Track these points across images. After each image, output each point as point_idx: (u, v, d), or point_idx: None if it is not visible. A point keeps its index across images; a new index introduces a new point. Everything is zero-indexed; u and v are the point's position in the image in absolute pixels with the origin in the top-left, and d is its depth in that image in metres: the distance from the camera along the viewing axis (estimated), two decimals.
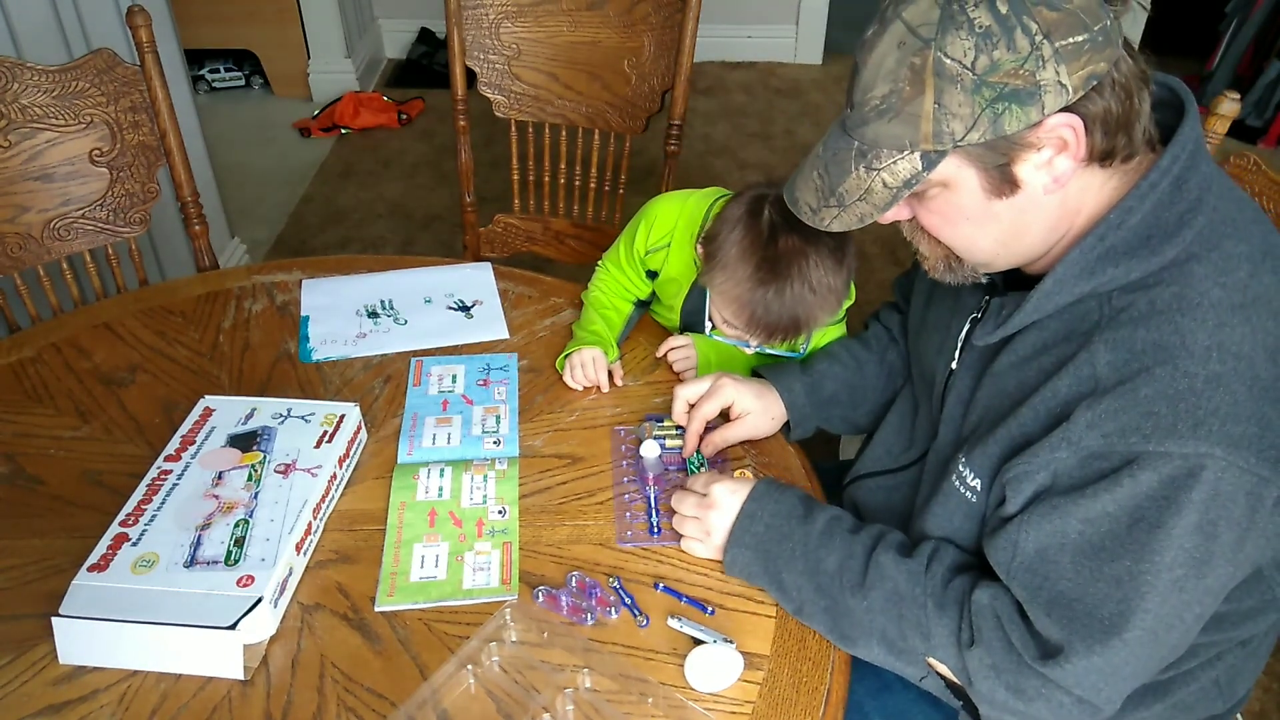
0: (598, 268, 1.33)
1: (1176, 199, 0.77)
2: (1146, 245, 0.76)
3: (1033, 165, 0.76)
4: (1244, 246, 0.76)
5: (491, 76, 1.64)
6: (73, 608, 0.86)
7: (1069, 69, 0.71)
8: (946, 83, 0.72)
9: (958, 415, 0.91)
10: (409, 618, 0.92)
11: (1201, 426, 0.71)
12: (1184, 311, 0.74)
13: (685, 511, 0.96)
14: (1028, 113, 0.72)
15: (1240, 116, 1.12)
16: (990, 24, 0.70)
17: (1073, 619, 0.76)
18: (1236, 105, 1.12)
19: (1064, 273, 0.79)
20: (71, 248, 1.45)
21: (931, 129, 0.74)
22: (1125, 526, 0.74)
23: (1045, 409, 0.78)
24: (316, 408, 1.08)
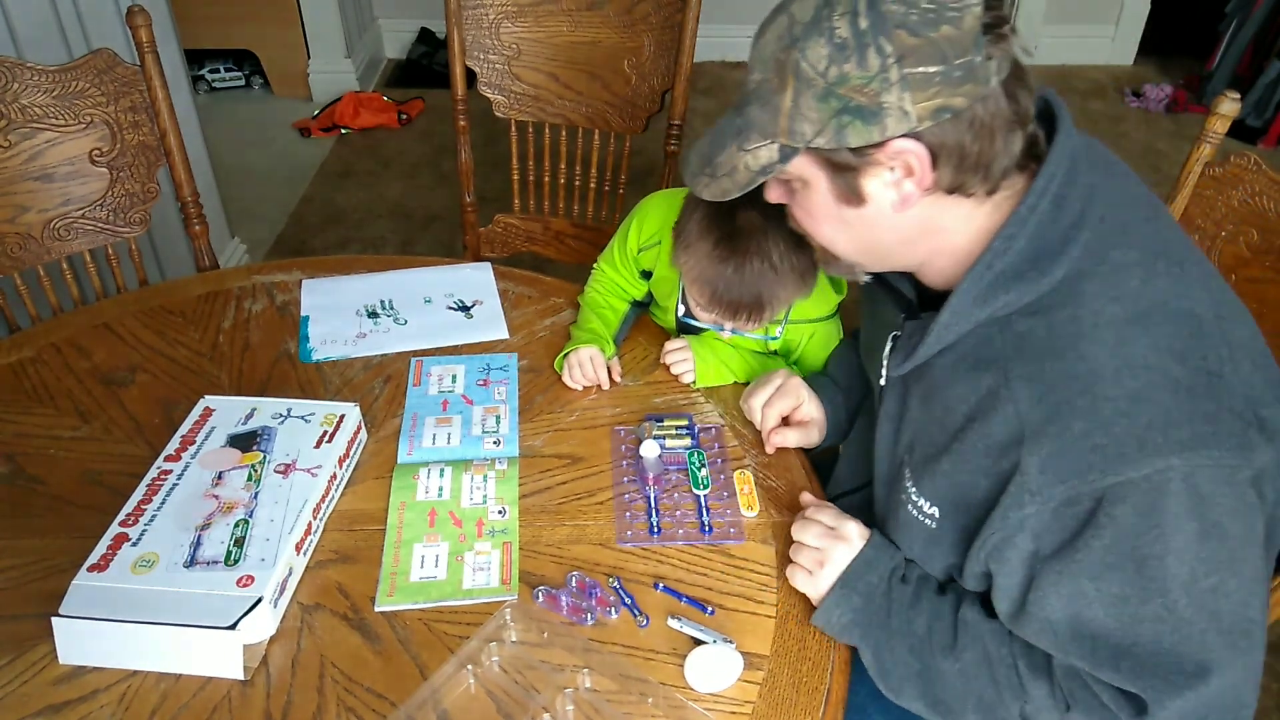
0: (594, 270, 1.33)
1: (1059, 216, 0.76)
2: (1035, 267, 0.76)
3: (880, 182, 0.76)
4: (1134, 253, 0.76)
5: (491, 76, 1.64)
6: (73, 608, 0.86)
7: (914, 97, 0.71)
8: (802, 84, 0.73)
9: (889, 434, 0.91)
10: (409, 618, 0.92)
11: (1147, 444, 0.70)
12: (1082, 335, 0.73)
13: (809, 540, 0.91)
14: (870, 131, 0.73)
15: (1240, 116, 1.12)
16: (847, 37, 0.71)
17: (1140, 669, 0.74)
18: (1237, 105, 1.12)
19: (958, 303, 0.78)
20: (71, 248, 1.45)
21: (787, 125, 0.75)
22: (1133, 568, 0.72)
23: (984, 450, 0.77)
24: (316, 408, 1.08)
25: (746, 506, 1.03)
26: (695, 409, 1.16)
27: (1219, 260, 1.14)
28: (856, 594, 0.87)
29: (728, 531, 1.00)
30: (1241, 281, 1.11)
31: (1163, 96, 3.48)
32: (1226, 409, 0.72)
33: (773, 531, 1.00)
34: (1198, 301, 0.75)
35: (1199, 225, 1.16)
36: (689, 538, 1.00)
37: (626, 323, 1.29)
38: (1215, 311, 0.75)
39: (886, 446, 0.92)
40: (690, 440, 1.11)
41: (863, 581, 0.87)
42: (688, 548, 0.99)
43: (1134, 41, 3.75)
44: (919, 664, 0.84)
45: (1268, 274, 1.08)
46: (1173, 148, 3.25)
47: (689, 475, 1.06)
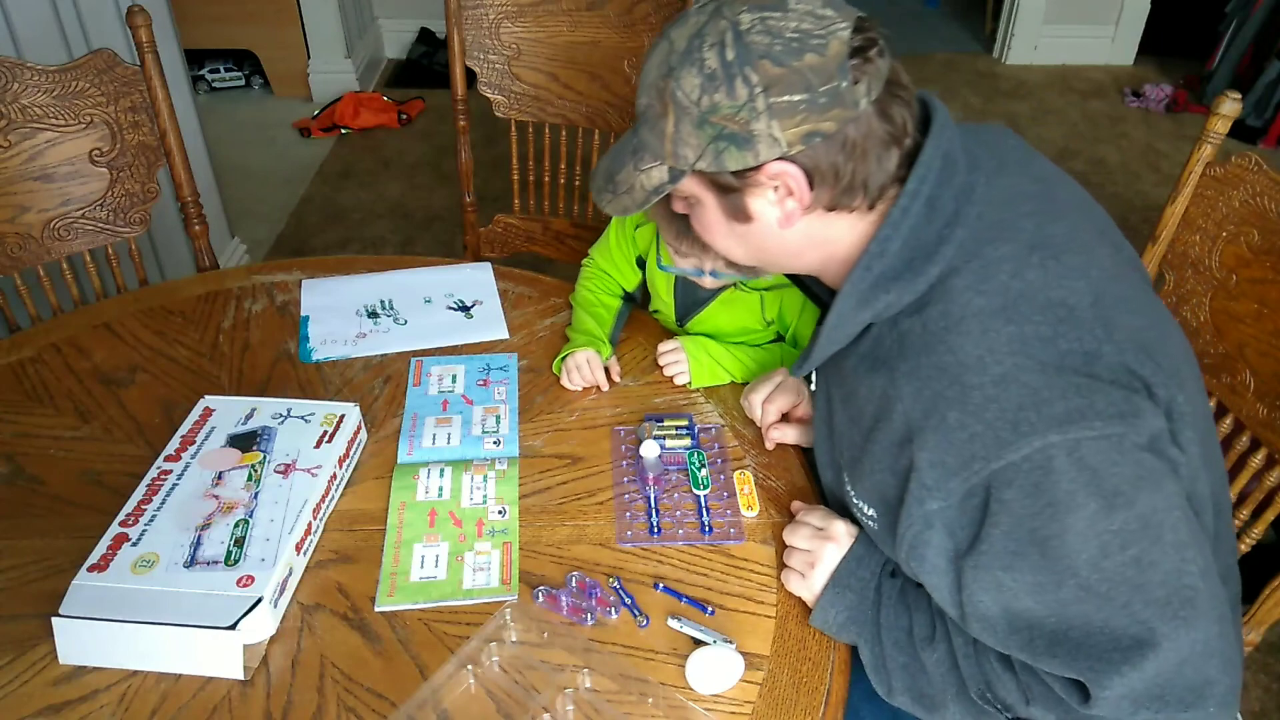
0: (583, 266, 1.33)
1: (932, 217, 0.78)
2: (910, 268, 0.77)
3: (764, 201, 0.80)
4: (1007, 247, 0.77)
5: (491, 76, 1.64)
6: (73, 608, 0.86)
7: (782, 124, 0.74)
8: (680, 112, 0.76)
9: (824, 436, 0.94)
10: (409, 618, 0.92)
11: (1021, 425, 0.70)
12: (950, 329, 0.74)
13: (798, 544, 0.93)
14: (744, 156, 0.76)
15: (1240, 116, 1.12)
16: (716, 68, 0.73)
17: (1077, 652, 0.73)
18: (1238, 105, 1.12)
19: (841, 306, 0.81)
20: (71, 248, 1.45)
21: (670, 148, 0.79)
22: (1037, 552, 0.72)
23: (887, 448, 0.79)
24: (316, 408, 1.08)
25: (746, 507, 1.03)
26: (695, 409, 1.16)
27: (1220, 260, 1.13)
28: (850, 591, 0.88)
29: (728, 531, 1.00)
30: (1243, 282, 1.11)
31: (1163, 96, 3.49)
32: (1103, 381, 0.72)
33: (772, 532, 1.00)
34: (1072, 291, 0.75)
35: (1200, 225, 1.16)
36: (689, 538, 1.00)
37: (620, 320, 1.29)
38: (1094, 300, 0.75)
39: (825, 451, 0.95)
40: (690, 440, 1.11)
41: (855, 578, 0.88)
42: (688, 548, 0.99)
43: (1134, 41, 3.75)
44: (904, 658, 0.85)
45: (1269, 274, 1.08)
46: (1173, 148, 3.25)
47: (689, 475, 1.06)
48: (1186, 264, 1.18)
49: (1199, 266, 1.16)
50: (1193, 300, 1.17)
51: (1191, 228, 1.17)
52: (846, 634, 0.89)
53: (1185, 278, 1.18)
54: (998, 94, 3.61)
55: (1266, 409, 1.09)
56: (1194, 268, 1.17)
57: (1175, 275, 1.19)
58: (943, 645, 0.84)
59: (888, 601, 0.87)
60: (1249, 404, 1.11)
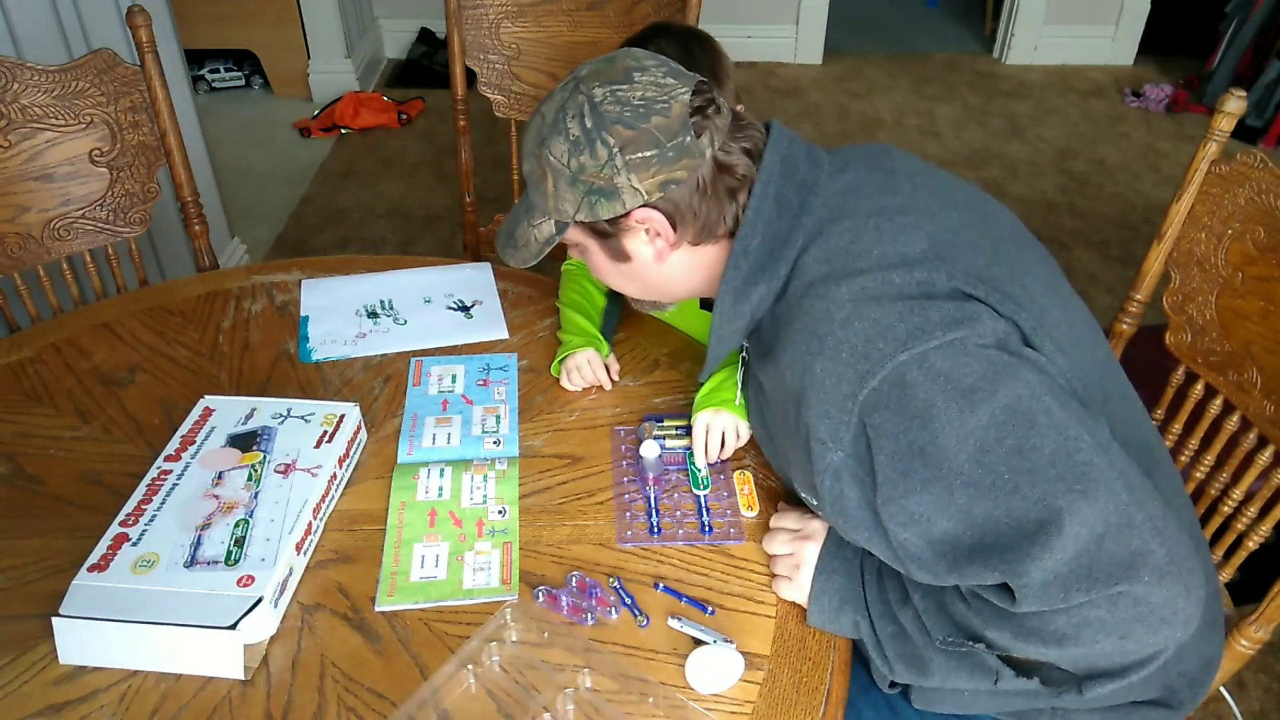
0: (564, 273, 1.34)
1: (782, 211, 0.88)
2: (772, 257, 0.87)
3: (638, 241, 0.91)
4: (846, 221, 0.85)
5: (491, 76, 1.64)
6: (73, 608, 0.86)
7: (639, 176, 0.85)
8: (555, 173, 0.88)
9: (768, 443, 1.02)
10: (409, 618, 0.92)
11: (872, 353, 0.77)
12: (803, 296, 0.84)
13: (778, 550, 0.95)
14: (613, 205, 0.87)
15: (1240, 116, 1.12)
16: (578, 135, 0.85)
17: (994, 553, 0.74)
18: (1243, 103, 1.12)
19: (721, 305, 0.90)
20: (71, 248, 1.45)
21: (553, 205, 0.90)
22: (921, 464, 0.76)
23: (793, 425, 0.86)
24: (316, 408, 1.08)
25: (746, 506, 1.03)
26: None
27: (1226, 258, 1.13)
28: (837, 574, 0.90)
29: (728, 531, 1.00)
30: (1249, 279, 1.11)
31: (1163, 96, 3.49)
32: (938, 301, 0.78)
33: None
34: (906, 243, 0.83)
35: (1205, 223, 1.16)
36: (689, 538, 1.00)
37: (611, 318, 1.29)
38: (929, 246, 0.82)
39: (773, 457, 1.02)
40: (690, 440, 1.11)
41: (838, 559, 0.91)
42: (688, 548, 0.99)
43: (1134, 41, 3.75)
44: (892, 627, 0.87)
45: (1274, 271, 1.08)
46: (1173, 148, 3.25)
47: (689, 475, 1.06)
48: (1192, 262, 1.18)
49: (1205, 264, 1.16)
50: (1199, 298, 1.17)
51: (1197, 226, 1.17)
52: (844, 619, 0.89)
53: (1191, 276, 1.18)
54: (998, 94, 3.61)
55: (1274, 406, 1.09)
56: (1199, 266, 1.17)
57: (1181, 273, 1.19)
58: (915, 601, 0.85)
59: (870, 579, 0.89)
60: (1256, 401, 1.11)
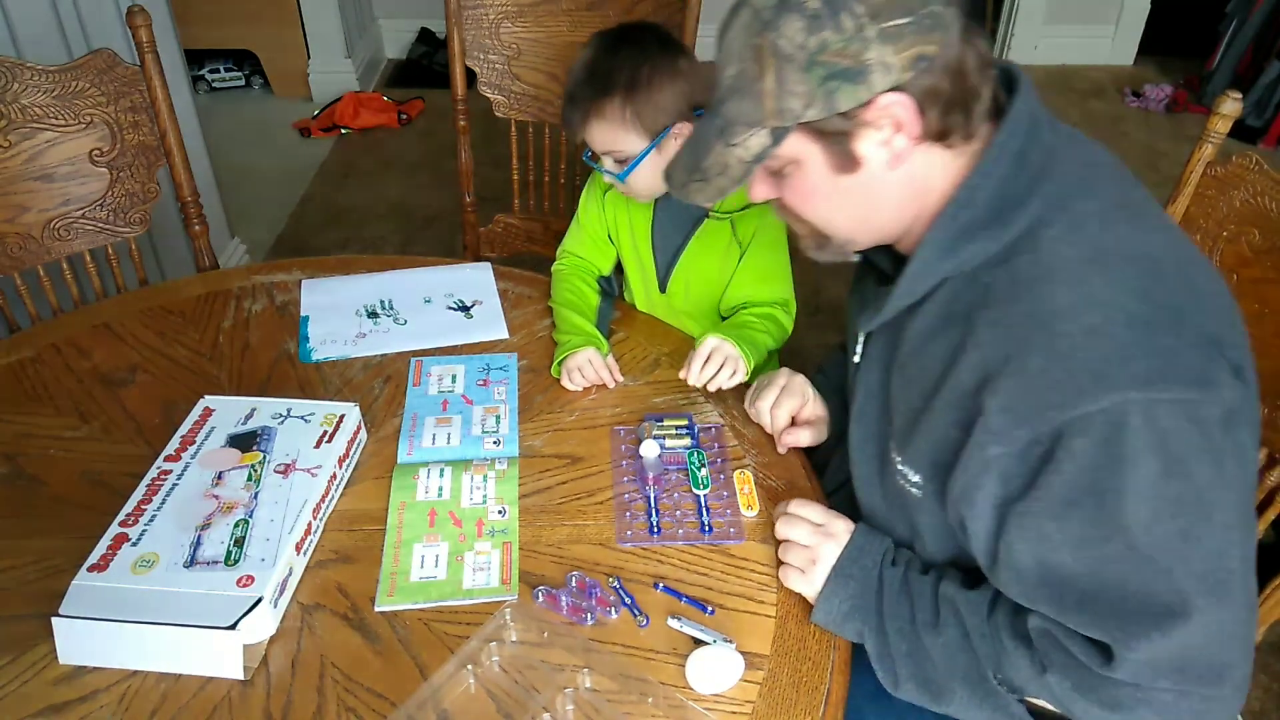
0: (555, 272, 1.35)
1: (1020, 171, 0.79)
2: (998, 219, 0.79)
3: (872, 142, 0.79)
4: (1094, 204, 0.78)
5: (491, 76, 1.64)
6: (73, 608, 0.86)
7: (893, 49, 0.74)
8: (783, 62, 0.76)
9: (871, 410, 0.93)
10: (409, 618, 0.92)
11: (1104, 378, 0.71)
12: (1042, 278, 0.76)
13: (799, 539, 0.92)
14: (857, 91, 0.76)
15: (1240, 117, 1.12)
16: (818, 7, 0.74)
17: (1107, 613, 0.74)
18: (1239, 105, 1.12)
19: (925, 253, 0.81)
20: (71, 248, 1.45)
21: (774, 106, 0.78)
22: (1093, 504, 0.72)
23: (956, 400, 0.79)
24: (316, 408, 1.08)
25: (746, 506, 1.03)
26: (695, 409, 1.16)
27: (1220, 260, 1.13)
28: (853, 580, 0.88)
29: (728, 531, 1.00)
30: (1243, 282, 1.11)
31: (1163, 96, 3.48)
32: (1187, 344, 0.72)
33: (773, 531, 1.00)
34: (1157, 247, 0.77)
35: (1200, 225, 1.16)
36: (689, 538, 1.00)
37: (605, 320, 1.29)
38: (1176, 259, 0.78)
39: (871, 425, 0.94)
40: (690, 440, 1.11)
41: (857, 567, 0.89)
42: (688, 548, 0.99)
43: (1134, 41, 3.75)
44: (907, 645, 0.85)
45: (1269, 274, 1.08)
46: (1173, 148, 3.25)
47: (689, 475, 1.06)
48: None
49: None
50: None
51: (1192, 227, 1.17)
52: (850, 625, 0.88)
53: None
54: None
55: (1267, 408, 1.09)
56: None
57: None
58: (950, 630, 0.84)
59: (889, 590, 0.88)
60: None
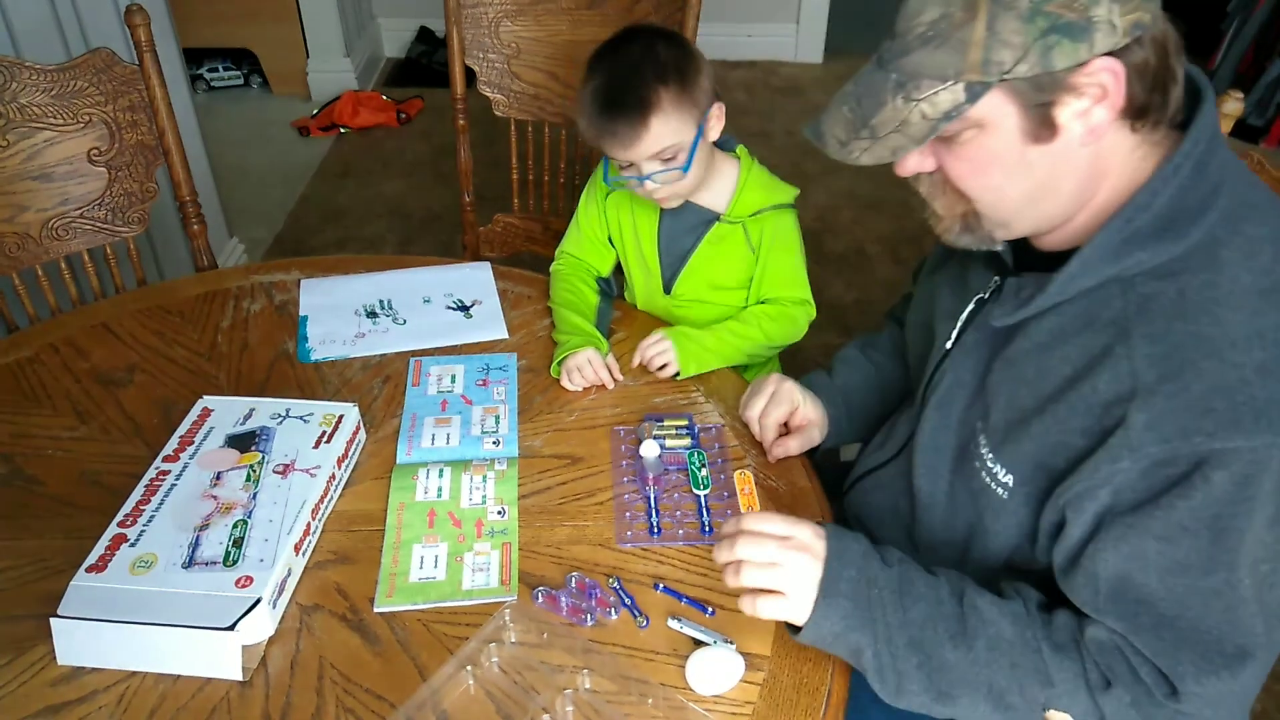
0: (554, 273, 1.35)
1: (1199, 181, 0.76)
2: (1171, 228, 0.75)
3: (1072, 111, 0.74)
4: (1265, 229, 0.76)
5: (491, 75, 1.64)
6: (71, 608, 0.86)
7: (1120, 9, 0.70)
8: (1001, 8, 0.70)
9: (959, 400, 0.89)
10: (408, 618, 0.91)
11: (1263, 417, 0.69)
12: (1218, 301, 0.73)
13: (760, 557, 0.81)
14: (1077, 50, 0.70)
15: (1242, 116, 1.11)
16: None
17: (1181, 642, 0.74)
18: (1240, 104, 1.11)
19: (1090, 254, 0.77)
20: (70, 247, 1.44)
21: (981, 57, 0.72)
22: (1210, 537, 0.72)
23: (1085, 408, 0.76)
24: (315, 408, 1.08)
25: (747, 507, 1.03)
26: (695, 409, 1.16)
27: None
28: (843, 598, 0.80)
29: None
30: None
31: None
32: None
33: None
34: None
35: None
36: (689, 538, 0.99)
37: (604, 320, 1.29)
38: None
39: (957, 415, 0.89)
40: (690, 440, 1.10)
41: (843, 581, 0.81)
42: (688, 548, 0.98)
43: None
44: (920, 655, 0.80)
45: None
46: None
47: (689, 475, 1.06)
48: None
49: None
50: None
51: None
52: (841, 644, 0.82)
53: None
54: None
55: None
56: None
57: None
58: (979, 643, 0.80)
59: (888, 595, 0.81)
60: None
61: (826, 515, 1.03)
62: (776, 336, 1.28)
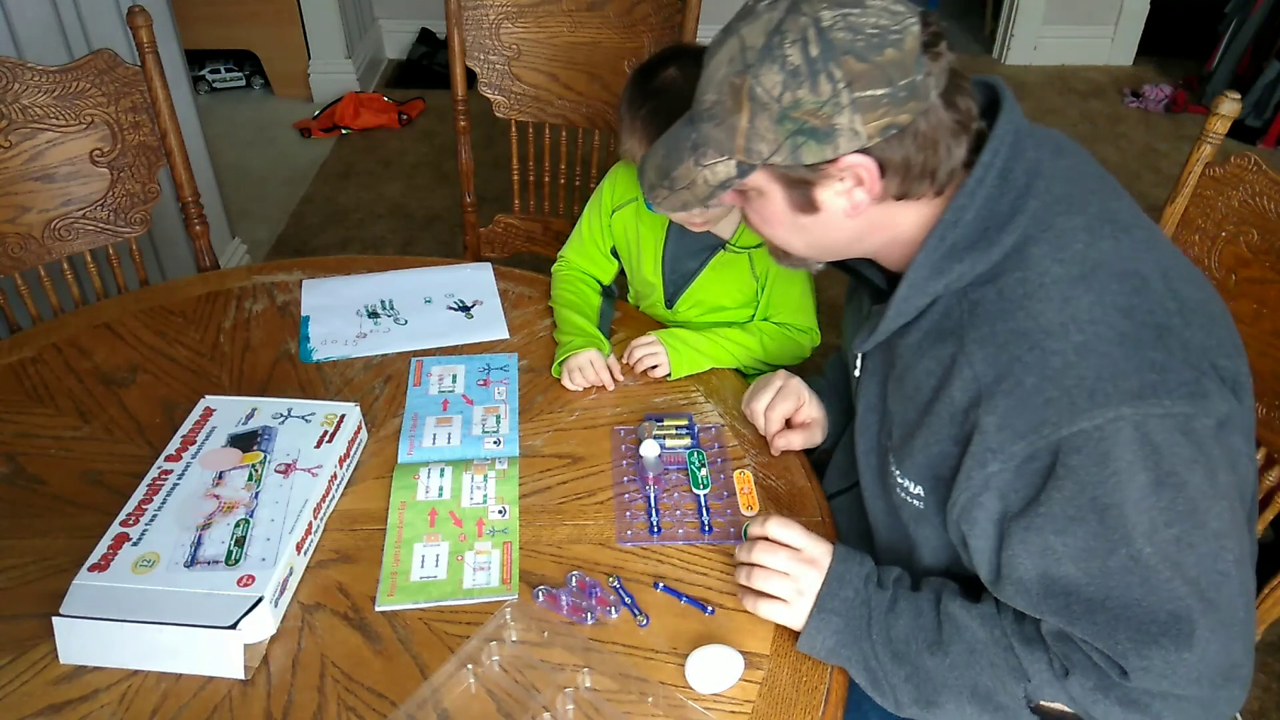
0: (555, 272, 1.35)
1: (1005, 189, 0.80)
2: (984, 237, 0.79)
3: (833, 192, 0.80)
4: (1079, 219, 0.79)
5: (492, 77, 1.65)
6: (73, 607, 0.86)
7: (864, 118, 0.75)
8: (758, 107, 0.76)
9: (872, 423, 0.94)
10: (409, 617, 0.92)
11: (1097, 393, 0.72)
12: (1030, 295, 0.76)
13: (772, 564, 0.87)
14: (823, 149, 0.76)
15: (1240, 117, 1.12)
16: (799, 64, 0.74)
17: (1116, 622, 0.75)
18: (1238, 105, 1.12)
19: (914, 276, 0.82)
20: (72, 248, 1.45)
21: (744, 143, 0.79)
22: (1095, 518, 0.74)
23: (950, 417, 0.80)
24: (317, 408, 1.08)
25: (746, 506, 1.03)
26: (695, 409, 1.16)
27: (1219, 260, 1.14)
28: (835, 615, 0.85)
29: (728, 531, 1.00)
30: (1242, 282, 1.11)
31: (1162, 97, 3.48)
32: (1176, 359, 0.74)
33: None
34: (1143, 263, 0.78)
35: (1199, 225, 1.16)
36: (689, 537, 1.00)
37: (605, 320, 1.29)
38: (1163, 272, 0.78)
39: (871, 437, 0.94)
40: (690, 440, 1.11)
41: (838, 599, 0.86)
42: (688, 547, 0.99)
43: (1133, 42, 3.75)
44: (907, 668, 0.84)
45: (1268, 274, 1.08)
46: (1172, 148, 3.25)
47: (689, 475, 1.06)
48: None
49: (1198, 266, 1.16)
50: None
51: (1191, 228, 1.17)
52: (836, 657, 0.86)
53: None
54: None
55: (1265, 408, 1.09)
56: None
57: None
58: (954, 648, 0.83)
59: (877, 615, 0.85)
60: None
61: (825, 515, 1.03)
62: (775, 353, 1.28)
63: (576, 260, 1.35)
